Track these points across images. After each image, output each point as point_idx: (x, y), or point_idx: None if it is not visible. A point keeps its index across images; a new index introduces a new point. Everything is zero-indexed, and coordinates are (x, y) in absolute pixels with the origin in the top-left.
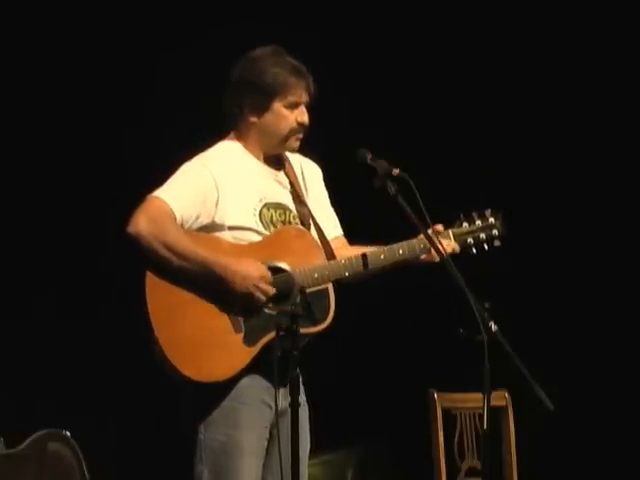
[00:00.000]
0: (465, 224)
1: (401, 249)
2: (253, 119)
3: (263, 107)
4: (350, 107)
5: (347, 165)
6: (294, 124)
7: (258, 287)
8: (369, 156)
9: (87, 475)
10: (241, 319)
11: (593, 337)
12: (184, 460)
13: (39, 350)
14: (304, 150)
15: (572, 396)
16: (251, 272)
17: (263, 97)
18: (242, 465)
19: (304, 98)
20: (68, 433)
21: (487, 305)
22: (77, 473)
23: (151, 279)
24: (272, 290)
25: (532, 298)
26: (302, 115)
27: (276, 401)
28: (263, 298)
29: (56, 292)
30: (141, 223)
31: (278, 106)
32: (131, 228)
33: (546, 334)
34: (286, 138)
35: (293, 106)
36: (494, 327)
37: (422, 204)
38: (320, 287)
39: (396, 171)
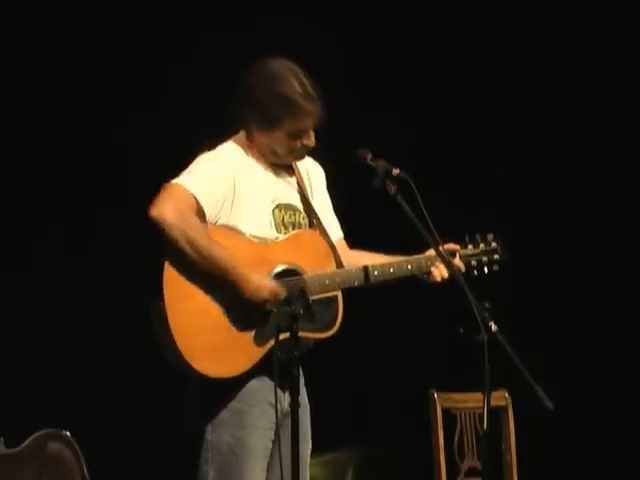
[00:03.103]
0: (470, 246)
1: (410, 264)
2: (258, 136)
3: (268, 130)
4: (352, 108)
5: (347, 166)
6: (298, 146)
7: (266, 300)
8: (369, 156)
9: (87, 475)
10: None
11: (593, 337)
12: (185, 459)
13: (39, 350)
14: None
15: (572, 396)
16: (262, 283)
17: (269, 122)
18: (249, 467)
19: (312, 124)
20: (68, 433)
21: (487, 305)
22: (77, 473)
23: (168, 271)
24: (279, 301)
25: (532, 298)
26: (308, 140)
27: (276, 401)
28: (269, 307)
29: (56, 291)
30: (167, 210)
31: (283, 133)
32: (155, 212)
33: (546, 334)
34: (288, 156)
35: (300, 133)
36: (494, 327)
37: (422, 203)
38: (329, 294)
39: (396, 171)
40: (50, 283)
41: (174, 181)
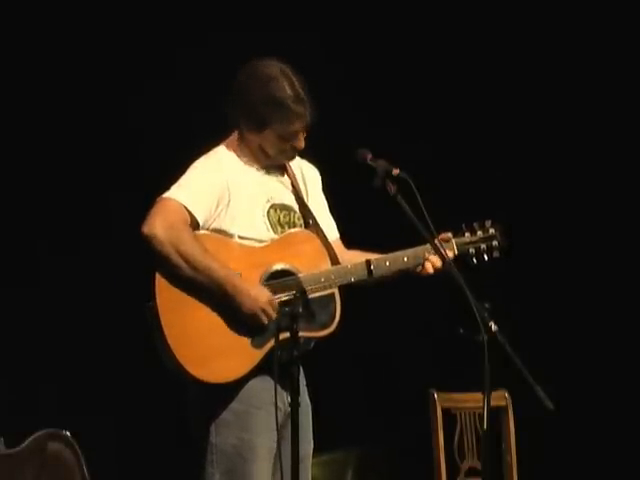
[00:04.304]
0: (467, 234)
1: (406, 256)
2: (249, 136)
3: (258, 130)
4: (350, 109)
5: (347, 166)
6: (287, 148)
7: (264, 311)
8: (369, 156)
9: (87, 475)
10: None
11: (593, 337)
12: (185, 460)
13: (40, 350)
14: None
15: (572, 396)
16: (259, 296)
17: (259, 124)
18: (255, 469)
19: (301, 126)
20: (68, 433)
21: (487, 305)
22: (77, 473)
23: (161, 280)
24: (275, 315)
25: (532, 298)
26: (299, 142)
27: (276, 401)
28: (266, 321)
29: (57, 292)
30: (157, 226)
31: (273, 135)
32: (146, 229)
33: (546, 334)
34: (278, 157)
35: (289, 135)
36: (494, 327)
37: (422, 203)
38: (326, 292)
39: (396, 171)
40: (50, 283)
41: (164, 195)
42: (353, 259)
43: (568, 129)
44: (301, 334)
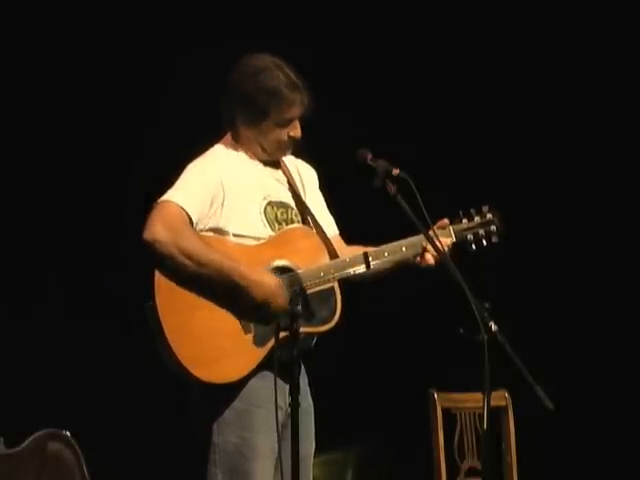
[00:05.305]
0: (464, 220)
1: (404, 246)
2: (245, 131)
3: (255, 123)
4: (349, 108)
5: (346, 166)
6: (285, 138)
7: (275, 295)
8: (369, 156)
9: (87, 475)
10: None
11: (593, 337)
12: (185, 460)
13: (40, 350)
14: (301, 151)
15: (572, 396)
16: (267, 282)
17: (255, 115)
18: (257, 468)
19: (298, 113)
20: (68, 433)
21: (487, 305)
22: (77, 473)
23: (161, 281)
24: (287, 299)
25: (532, 298)
26: (295, 130)
27: (276, 400)
28: (282, 303)
29: (58, 292)
30: (158, 229)
31: (270, 125)
32: (147, 234)
33: (546, 334)
34: (276, 150)
35: (286, 123)
36: (494, 327)
37: (422, 203)
38: (326, 286)
39: (396, 171)
40: (49, 283)
41: (162, 199)
42: (353, 253)
43: (566, 123)
44: (302, 329)
